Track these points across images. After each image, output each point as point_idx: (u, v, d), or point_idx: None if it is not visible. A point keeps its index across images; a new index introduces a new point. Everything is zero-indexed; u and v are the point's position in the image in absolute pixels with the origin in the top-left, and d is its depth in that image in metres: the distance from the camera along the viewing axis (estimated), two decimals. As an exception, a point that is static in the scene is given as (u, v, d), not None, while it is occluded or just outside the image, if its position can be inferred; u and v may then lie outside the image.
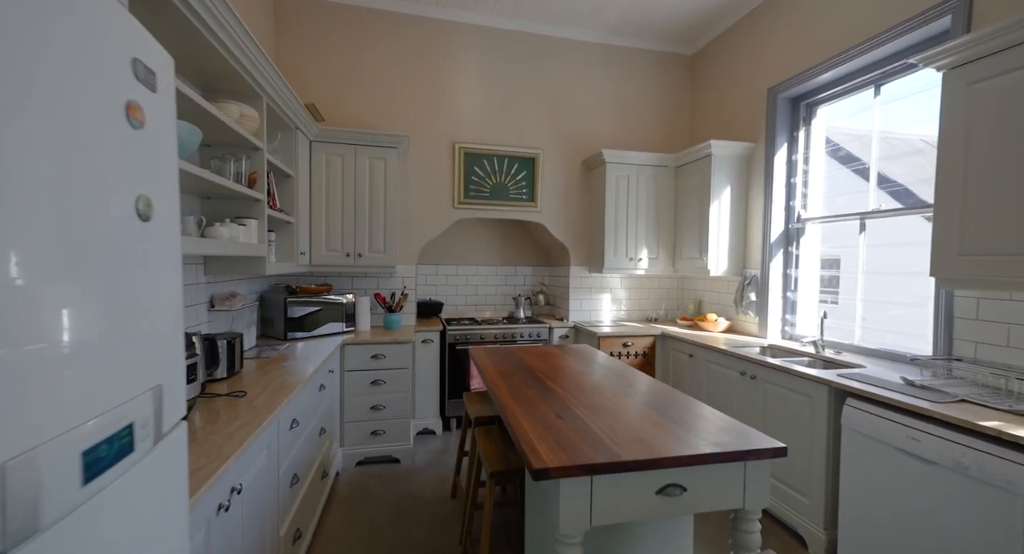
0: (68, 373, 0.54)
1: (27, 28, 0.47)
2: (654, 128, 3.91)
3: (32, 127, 0.48)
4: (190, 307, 2.00)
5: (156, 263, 0.71)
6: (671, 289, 4.02)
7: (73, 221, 0.53)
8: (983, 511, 1.43)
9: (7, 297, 0.46)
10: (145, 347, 0.68)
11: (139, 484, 0.64)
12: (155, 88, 0.63)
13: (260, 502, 1.39)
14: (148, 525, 0.67)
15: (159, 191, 0.68)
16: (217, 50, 1.66)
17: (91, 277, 0.58)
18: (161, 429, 0.69)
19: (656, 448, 1.21)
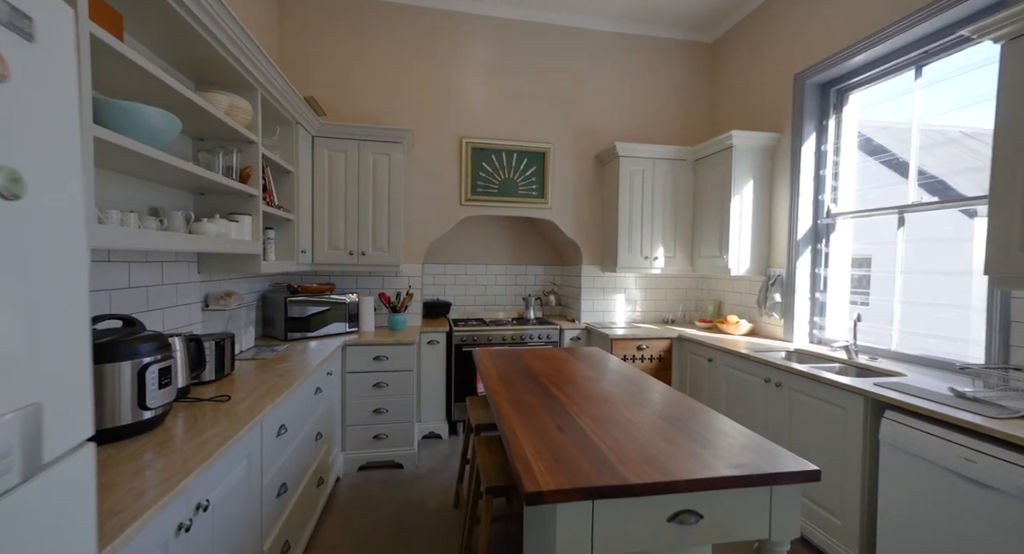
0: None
1: None
2: (671, 120, 3.73)
3: None
4: (182, 306, 1.93)
5: (33, 253, 0.59)
6: (689, 289, 3.83)
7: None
8: (1054, 546, 1.23)
9: None
10: (7, 358, 0.55)
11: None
12: (32, 37, 0.52)
13: (237, 516, 1.30)
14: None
15: (36, 163, 0.56)
16: (204, 38, 1.58)
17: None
18: (39, 458, 0.57)
19: (669, 468, 1.06)
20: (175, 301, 1.88)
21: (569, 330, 3.44)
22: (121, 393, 1.17)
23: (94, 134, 1.06)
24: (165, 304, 1.81)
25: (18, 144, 0.51)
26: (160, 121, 1.32)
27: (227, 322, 2.25)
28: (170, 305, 1.84)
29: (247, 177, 2.00)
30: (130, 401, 1.18)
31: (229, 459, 1.23)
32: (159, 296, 1.77)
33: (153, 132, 1.31)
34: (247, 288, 2.61)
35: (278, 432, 1.60)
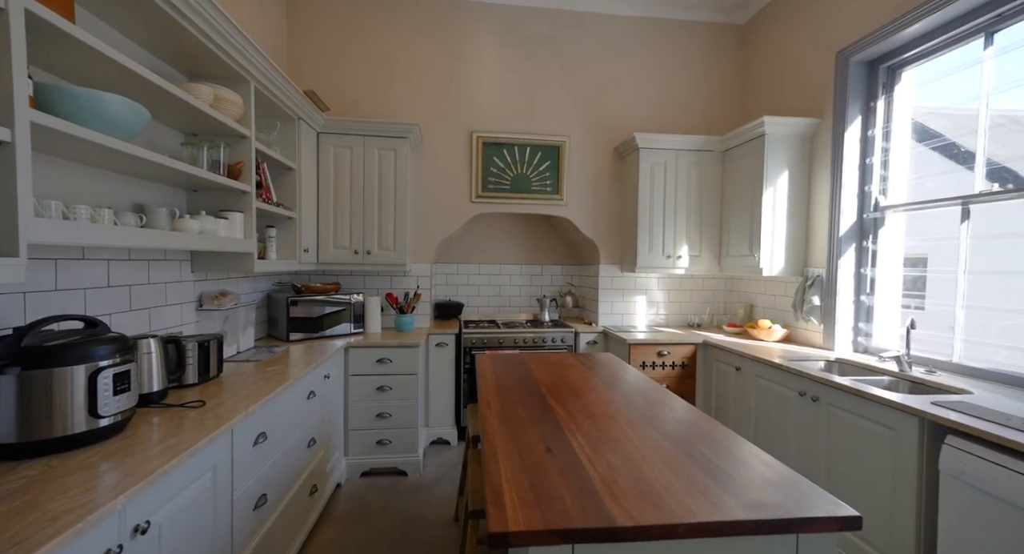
0: None
1: None
2: (699, 109, 3.47)
3: None
4: (172, 306, 1.88)
5: None
6: (717, 291, 3.55)
7: None
8: None
9: None
10: None
11: None
12: None
13: (197, 534, 1.20)
14: None
15: None
16: (184, 27, 1.51)
17: None
18: None
19: (669, 507, 0.88)
20: (164, 301, 1.83)
21: (585, 334, 3.24)
22: (72, 400, 1.08)
23: (31, 119, 0.97)
24: (151, 304, 1.75)
25: None
26: (122, 110, 1.24)
27: (224, 322, 2.20)
28: (158, 305, 1.79)
29: (238, 173, 1.93)
30: (82, 408, 1.10)
31: (184, 473, 1.13)
32: (144, 295, 1.71)
33: (115, 122, 1.23)
34: (250, 288, 2.57)
35: (255, 441, 1.50)
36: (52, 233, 1.05)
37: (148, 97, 1.46)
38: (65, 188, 1.33)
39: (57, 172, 1.31)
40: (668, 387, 2.90)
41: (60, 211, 1.13)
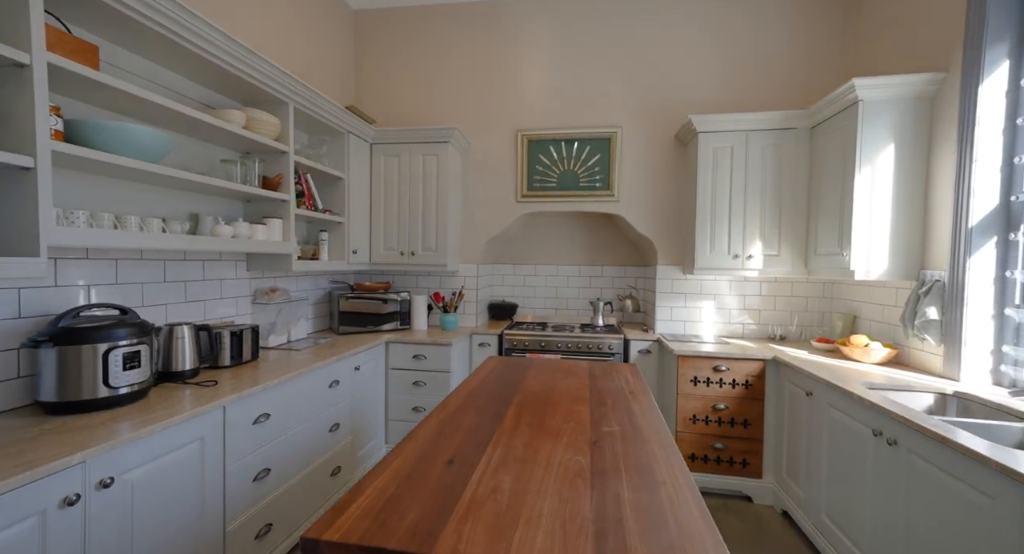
0: None
1: None
2: (782, 79, 2.91)
3: None
4: (229, 299, 2.22)
5: None
6: (812, 298, 2.93)
7: None
8: None
9: None
10: None
11: None
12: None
13: (180, 494, 1.39)
14: None
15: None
16: (217, 64, 1.78)
17: None
18: None
19: (511, 545, 0.75)
20: (220, 294, 2.17)
21: (638, 341, 2.95)
22: (93, 371, 1.35)
23: (52, 149, 1.24)
24: (207, 297, 2.10)
25: None
26: (147, 137, 1.51)
27: (277, 315, 2.53)
28: (213, 298, 2.13)
29: (277, 184, 2.20)
30: (99, 379, 1.37)
31: (160, 441, 1.32)
32: (200, 289, 2.06)
33: (142, 148, 1.51)
34: (311, 285, 2.91)
35: (256, 420, 1.69)
36: (72, 237, 1.32)
37: (184, 123, 1.75)
38: (120, 201, 1.67)
39: (110, 188, 1.64)
40: (726, 408, 2.49)
41: (86, 220, 1.42)
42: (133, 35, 1.57)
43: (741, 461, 2.50)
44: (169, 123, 1.73)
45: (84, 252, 1.58)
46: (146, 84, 1.73)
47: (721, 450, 2.51)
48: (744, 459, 2.50)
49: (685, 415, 2.53)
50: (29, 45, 1.19)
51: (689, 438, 2.54)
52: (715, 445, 2.51)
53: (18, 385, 1.40)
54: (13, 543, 0.99)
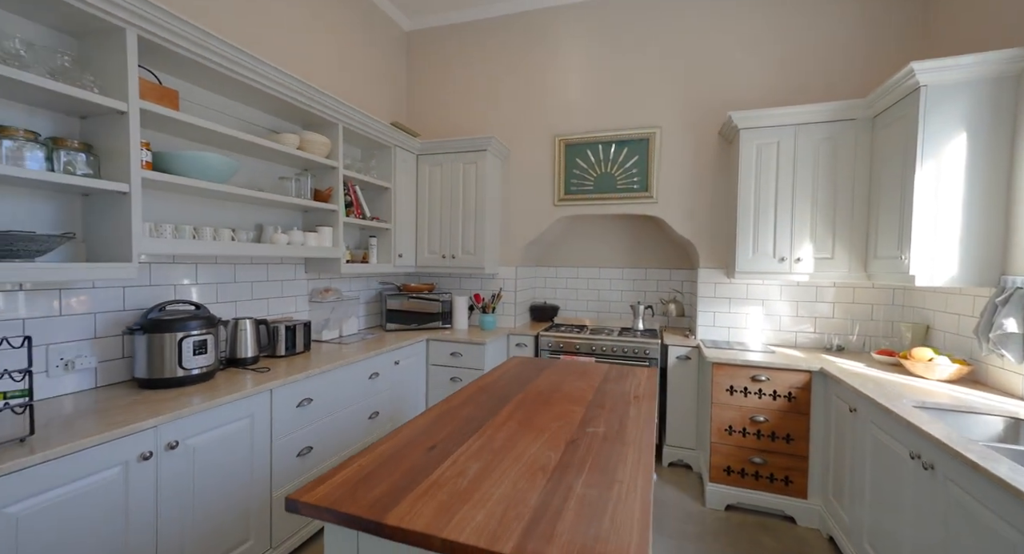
0: None
1: None
2: (839, 67, 2.67)
3: None
4: (288, 297, 2.55)
5: None
6: (878, 306, 2.65)
7: None
8: None
9: None
10: None
11: None
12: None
13: (233, 461, 1.66)
14: None
15: None
16: (273, 95, 2.08)
17: None
18: None
19: (457, 520, 0.85)
20: (281, 293, 2.50)
21: (676, 347, 2.87)
22: (165, 355, 1.67)
23: (142, 176, 1.56)
24: (270, 295, 2.43)
25: None
26: (215, 162, 1.82)
27: (331, 312, 2.83)
28: (275, 296, 2.46)
29: (327, 196, 2.48)
30: (176, 362, 1.68)
31: (217, 415, 1.59)
32: (264, 289, 2.39)
33: (212, 171, 1.82)
34: (363, 286, 3.21)
35: (299, 403, 1.95)
36: (159, 246, 1.64)
37: (247, 147, 2.06)
38: (199, 216, 2.01)
39: (192, 205, 1.99)
40: (766, 421, 2.35)
41: (172, 232, 1.75)
42: (208, 78, 1.90)
43: (783, 478, 2.34)
44: (236, 147, 2.06)
45: (171, 258, 1.93)
46: (219, 116, 2.07)
47: (760, 465, 2.37)
48: (787, 477, 2.34)
49: (720, 426, 2.43)
50: (126, 96, 1.50)
51: (724, 450, 2.43)
52: (753, 459, 2.38)
53: (122, 364, 1.76)
54: (107, 483, 1.28)
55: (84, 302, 1.65)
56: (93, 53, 1.55)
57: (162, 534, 1.43)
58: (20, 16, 1.44)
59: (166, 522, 1.44)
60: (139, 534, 1.37)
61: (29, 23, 1.46)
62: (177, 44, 1.65)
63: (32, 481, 1.14)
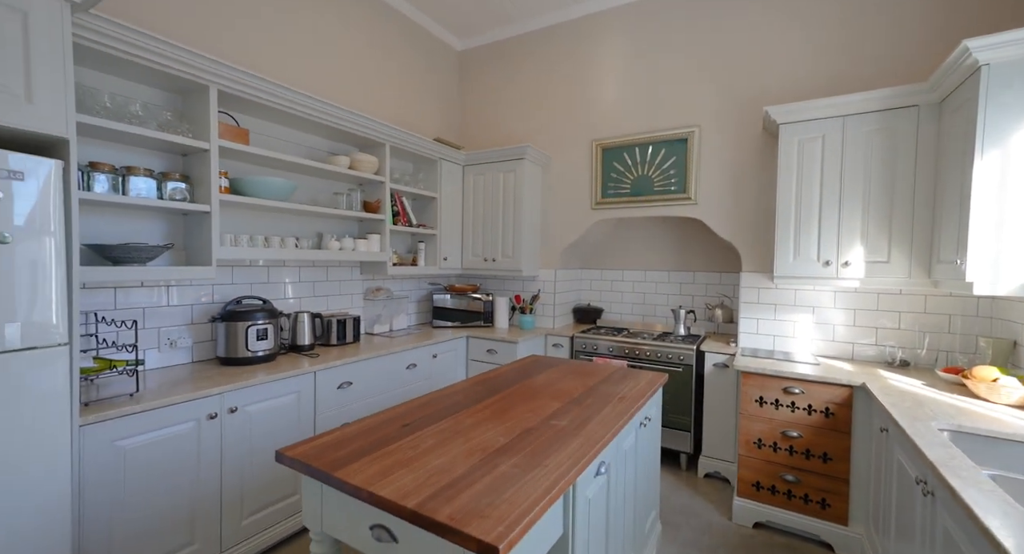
0: None
1: None
2: (902, 52, 2.37)
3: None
4: (345, 295, 2.96)
5: (21, 261, 1.27)
6: (956, 316, 2.30)
7: None
8: None
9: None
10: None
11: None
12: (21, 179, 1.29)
13: (282, 428, 2.03)
14: None
15: (13, 230, 1.24)
16: (330, 125, 2.48)
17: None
18: (3, 344, 1.23)
19: (391, 480, 1.04)
20: (338, 292, 2.92)
21: (713, 354, 2.76)
22: (237, 339, 2.10)
23: (220, 199, 2.00)
24: (329, 293, 2.85)
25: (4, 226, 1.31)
26: (279, 184, 2.24)
27: (382, 309, 3.21)
28: (333, 294, 2.88)
29: (376, 207, 2.84)
30: (244, 345, 2.11)
31: (270, 389, 1.97)
32: (324, 288, 2.82)
33: (276, 192, 2.24)
34: (414, 286, 3.56)
35: (340, 385, 2.29)
36: (234, 253, 2.08)
37: (306, 169, 2.47)
38: (269, 227, 2.46)
39: (263, 219, 2.44)
40: (799, 436, 2.19)
41: (247, 241, 2.18)
42: (274, 115, 2.33)
43: (819, 500, 2.17)
44: (297, 170, 2.48)
45: (247, 262, 2.40)
46: (284, 145, 2.51)
47: (793, 484, 2.22)
48: (823, 499, 2.16)
49: (748, 438, 2.31)
50: (209, 137, 1.95)
51: (753, 464, 2.31)
52: (785, 476, 2.23)
53: (210, 345, 2.24)
54: (185, 434, 1.70)
55: (184, 296, 2.15)
56: (187, 105, 2.03)
57: (225, 478, 1.83)
58: (137, 83, 1.93)
59: (228, 469, 1.84)
60: (207, 474, 1.77)
61: (145, 87, 1.97)
62: (248, 92, 2.08)
63: (135, 425, 1.57)
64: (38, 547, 1.32)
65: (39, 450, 1.33)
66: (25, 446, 1.30)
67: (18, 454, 1.29)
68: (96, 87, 1.81)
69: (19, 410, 1.29)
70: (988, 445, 1.44)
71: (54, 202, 1.32)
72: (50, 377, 1.35)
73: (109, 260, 1.77)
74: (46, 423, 1.34)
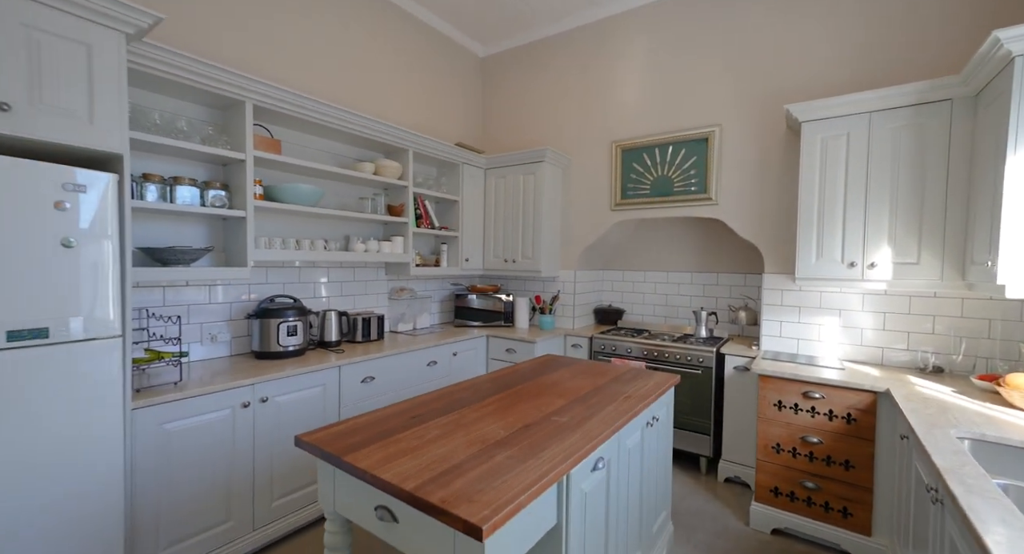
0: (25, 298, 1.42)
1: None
2: (933, 46, 2.26)
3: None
4: (371, 295, 3.11)
5: (84, 263, 1.44)
6: (997, 321, 2.18)
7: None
8: None
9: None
10: (64, 299, 1.44)
11: (53, 356, 1.40)
12: (85, 191, 1.45)
13: (308, 416, 2.17)
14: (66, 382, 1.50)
15: (78, 236, 1.42)
16: (357, 134, 2.62)
17: (48, 265, 1.45)
18: (69, 334, 1.42)
19: (394, 464, 1.13)
20: (365, 292, 3.07)
21: (734, 357, 2.72)
22: (270, 335, 2.26)
23: (255, 205, 2.17)
24: (356, 293, 3.00)
25: (69, 233, 1.49)
26: (307, 190, 2.39)
27: (406, 308, 3.34)
28: (359, 294, 3.03)
29: (400, 211, 2.97)
30: (276, 340, 2.27)
31: (297, 381, 2.12)
32: (351, 288, 2.97)
33: (305, 198, 2.40)
34: (438, 286, 3.68)
35: (363, 380, 2.42)
36: (268, 255, 2.24)
37: (333, 176, 2.62)
38: (300, 231, 2.63)
39: (294, 223, 2.61)
40: (820, 442, 2.13)
41: (280, 244, 2.35)
42: (305, 126, 2.50)
43: (840, 509, 2.11)
44: (325, 176, 2.63)
45: (280, 264, 2.58)
46: (314, 153, 2.68)
47: (813, 491, 2.16)
48: (845, 508, 2.10)
49: (766, 442, 2.27)
50: (245, 148, 2.12)
51: (771, 469, 2.26)
52: (805, 483, 2.18)
53: (246, 339, 2.43)
54: (221, 420, 1.86)
55: (224, 294, 2.34)
56: (227, 119, 2.21)
57: (257, 463, 1.99)
58: (182, 99, 2.12)
59: (259, 455, 2.00)
60: (241, 459, 1.93)
61: (189, 104, 2.16)
62: (280, 106, 2.24)
63: (179, 410, 1.74)
64: (96, 516, 1.50)
65: (98, 428, 1.51)
66: (87, 425, 1.48)
67: (80, 431, 1.47)
68: (147, 106, 2.01)
69: (81, 393, 1.47)
70: (1014, 456, 1.38)
71: (111, 210, 1.50)
72: (107, 365, 1.53)
73: (158, 261, 1.96)
74: (104, 404, 1.52)
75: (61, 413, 1.43)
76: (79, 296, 1.46)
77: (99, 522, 1.51)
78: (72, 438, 1.46)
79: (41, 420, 1.40)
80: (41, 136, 1.39)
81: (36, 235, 1.36)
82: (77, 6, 1.43)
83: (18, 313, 1.34)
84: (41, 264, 1.38)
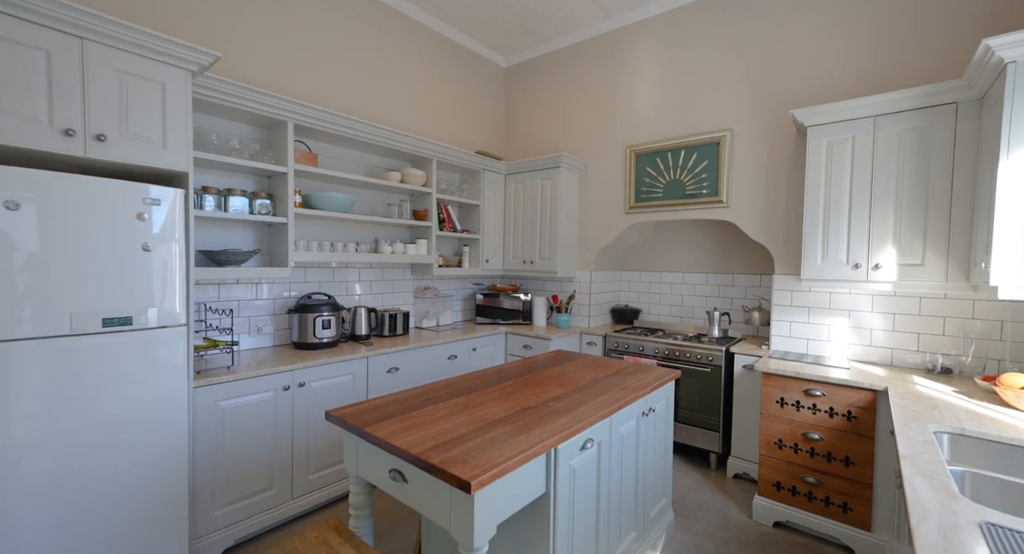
0: (106, 293, 1.72)
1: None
2: (943, 50, 2.27)
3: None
4: (398, 293, 3.37)
5: (157, 263, 1.75)
6: (1008, 323, 2.17)
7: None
8: None
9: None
10: (143, 293, 1.79)
11: (135, 341, 1.72)
12: (159, 206, 1.74)
13: (339, 400, 2.43)
14: (140, 364, 1.79)
15: (153, 241, 1.73)
16: (386, 146, 2.88)
17: (131, 266, 1.75)
18: (147, 323, 1.72)
19: (407, 435, 1.34)
20: (392, 291, 3.32)
21: (743, 356, 2.79)
22: (307, 328, 2.54)
23: (295, 212, 2.45)
24: (384, 291, 3.26)
25: (147, 240, 1.77)
26: (341, 198, 2.66)
27: (430, 305, 3.58)
28: (387, 292, 3.29)
29: (424, 215, 3.21)
30: (312, 332, 2.54)
31: (332, 369, 2.38)
32: (379, 287, 3.24)
33: (338, 205, 2.67)
34: (460, 286, 3.90)
35: (388, 369, 2.67)
36: (305, 257, 2.52)
37: (364, 185, 2.89)
38: (335, 235, 2.91)
39: (330, 228, 2.89)
40: (820, 439, 2.19)
41: (316, 246, 2.63)
42: (340, 140, 2.77)
43: (841, 504, 2.16)
44: (357, 185, 2.90)
45: (317, 264, 2.86)
46: (346, 164, 2.95)
47: (814, 485, 2.23)
48: (845, 503, 2.15)
49: (769, 438, 2.35)
50: (287, 162, 2.40)
51: (773, 464, 2.34)
52: (806, 478, 2.24)
53: (287, 332, 2.72)
54: (266, 400, 2.14)
55: (269, 291, 2.63)
56: (271, 137, 2.51)
57: (296, 439, 2.26)
58: (233, 121, 2.43)
59: (298, 432, 2.26)
60: (282, 435, 2.20)
61: (240, 124, 2.46)
62: (317, 123, 2.52)
63: (231, 390, 2.03)
64: (167, 478, 1.79)
65: (168, 404, 1.80)
66: (160, 401, 1.78)
67: (155, 405, 1.77)
68: (206, 128, 2.32)
69: (157, 371, 1.77)
70: (987, 448, 1.44)
71: (178, 219, 1.79)
72: (174, 350, 1.82)
73: (214, 262, 2.27)
74: (172, 383, 1.81)
75: (143, 388, 1.73)
76: (153, 291, 1.76)
77: (169, 483, 1.80)
78: (148, 411, 1.75)
79: (128, 393, 1.70)
80: (127, 160, 1.70)
81: (124, 241, 1.66)
82: (155, 51, 1.73)
83: (110, 304, 1.64)
84: (127, 264, 1.68)
